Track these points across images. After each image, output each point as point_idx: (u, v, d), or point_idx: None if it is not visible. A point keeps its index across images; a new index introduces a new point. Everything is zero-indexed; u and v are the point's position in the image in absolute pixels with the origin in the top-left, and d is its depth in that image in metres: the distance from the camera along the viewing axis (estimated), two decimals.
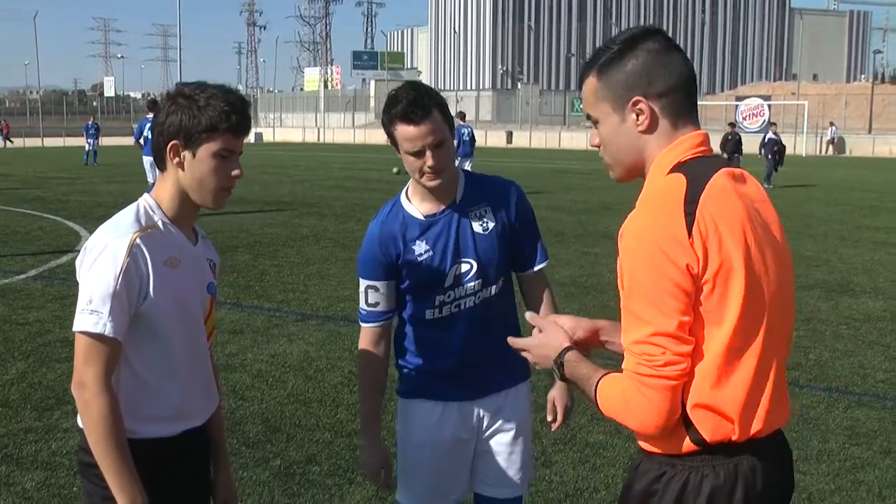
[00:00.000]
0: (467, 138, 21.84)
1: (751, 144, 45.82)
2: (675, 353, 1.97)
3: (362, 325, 3.21)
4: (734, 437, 2.05)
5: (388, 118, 2.97)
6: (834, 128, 56.44)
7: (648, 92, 2.12)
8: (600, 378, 2.12)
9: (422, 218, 3.09)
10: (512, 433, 3.25)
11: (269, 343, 8.15)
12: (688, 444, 2.07)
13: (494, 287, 3.16)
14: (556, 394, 3.28)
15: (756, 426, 2.06)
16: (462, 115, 24.50)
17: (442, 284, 3.09)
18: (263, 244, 14.30)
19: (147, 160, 18.68)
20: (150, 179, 18.86)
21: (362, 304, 3.18)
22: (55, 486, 5.02)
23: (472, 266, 3.10)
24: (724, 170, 2.13)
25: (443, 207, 3.09)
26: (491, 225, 3.12)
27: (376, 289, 3.13)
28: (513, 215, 3.17)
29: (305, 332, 8.60)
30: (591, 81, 2.20)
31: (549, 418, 3.30)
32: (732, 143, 28.45)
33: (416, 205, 3.11)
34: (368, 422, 3.27)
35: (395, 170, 31.77)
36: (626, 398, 2.04)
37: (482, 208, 3.12)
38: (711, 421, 2.04)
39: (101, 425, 2.40)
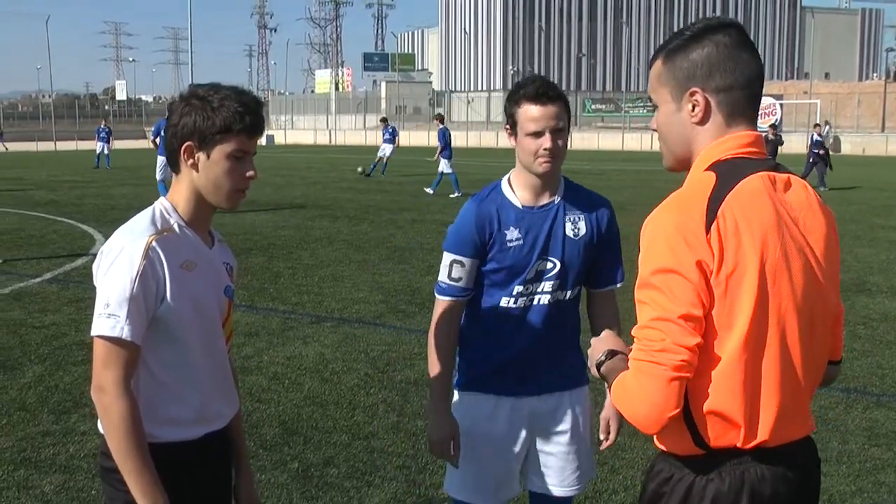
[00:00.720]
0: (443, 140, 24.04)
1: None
2: (675, 341, 1.93)
3: (440, 297, 3.23)
4: (739, 444, 2.03)
5: (515, 98, 3.09)
6: (828, 126, 55.75)
7: (707, 84, 2.10)
8: (619, 373, 2.10)
9: (520, 206, 3.15)
10: (569, 433, 3.28)
11: (285, 345, 8.16)
12: (691, 447, 2.07)
13: (569, 293, 3.22)
14: (609, 413, 3.32)
15: (763, 435, 2.04)
16: (441, 118, 26.06)
17: (523, 275, 3.14)
18: (277, 246, 14.32)
19: (161, 159, 18.95)
20: (158, 177, 19.32)
21: (443, 278, 3.20)
22: (74, 490, 5.03)
23: (555, 266, 3.16)
24: (763, 173, 2.09)
25: (542, 202, 3.17)
26: (582, 232, 3.19)
27: (462, 264, 3.16)
28: (603, 230, 3.25)
29: (321, 334, 8.60)
30: (657, 65, 2.19)
31: (602, 436, 3.34)
32: (771, 146, 26.98)
33: (518, 193, 3.17)
34: (441, 394, 3.25)
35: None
36: (625, 386, 2.03)
37: (577, 214, 3.20)
38: (717, 426, 2.03)
39: (121, 429, 2.39)
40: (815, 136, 27.55)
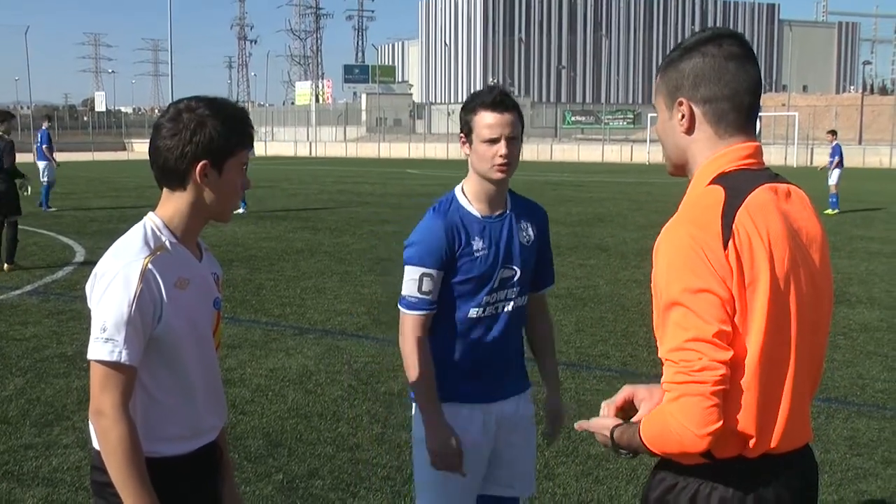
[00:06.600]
0: None
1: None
2: (712, 358, 1.94)
3: (412, 312, 3.22)
4: (746, 454, 2.05)
5: (472, 106, 3.16)
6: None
7: (693, 95, 2.16)
8: (639, 424, 2.10)
9: (480, 217, 3.22)
10: (523, 434, 3.41)
11: (268, 357, 8.14)
12: (696, 457, 2.06)
13: (525, 298, 3.34)
14: (553, 407, 3.54)
15: (773, 442, 2.06)
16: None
17: (490, 284, 3.22)
18: (259, 258, 14.28)
19: (41, 164, 21.38)
20: (44, 180, 21.36)
21: (413, 292, 3.19)
22: (58, 503, 5.00)
23: (515, 273, 3.26)
24: (766, 185, 2.12)
25: (497, 212, 3.25)
26: (532, 239, 3.31)
27: (432, 277, 3.18)
28: (543, 235, 3.40)
29: (304, 346, 8.59)
30: (659, 76, 2.27)
31: (549, 429, 3.54)
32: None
33: (475, 204, 3.23)
34: (434, 405, 3.22)
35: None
36: (664, 418, 2.00)
37: (525, 222, 3.31)
38: (726, 438, 2.03)
39: (120, 452, 2.38)
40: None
